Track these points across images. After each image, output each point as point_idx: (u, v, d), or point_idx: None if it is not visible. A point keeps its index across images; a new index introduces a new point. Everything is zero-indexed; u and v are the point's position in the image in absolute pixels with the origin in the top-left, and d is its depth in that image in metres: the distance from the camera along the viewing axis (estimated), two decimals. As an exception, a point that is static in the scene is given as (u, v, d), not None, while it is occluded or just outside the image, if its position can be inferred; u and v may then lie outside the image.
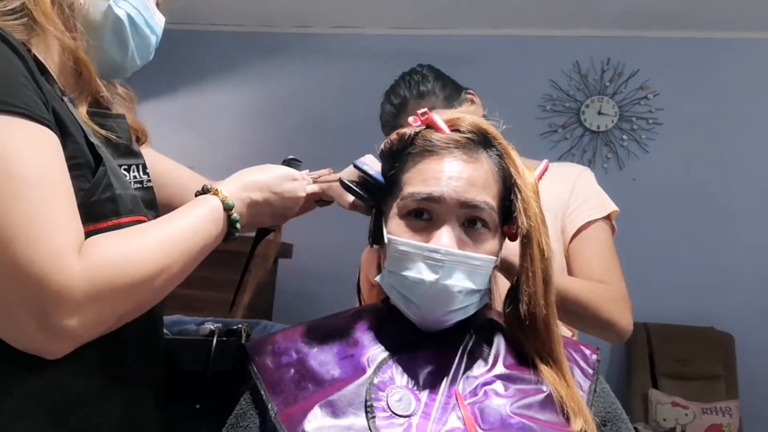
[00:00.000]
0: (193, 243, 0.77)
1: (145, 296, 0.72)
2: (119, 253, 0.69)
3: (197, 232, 0.78)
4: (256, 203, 0.90)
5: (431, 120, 0.83)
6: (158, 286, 0.72)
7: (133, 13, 0.83)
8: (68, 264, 0.63)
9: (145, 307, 0.74)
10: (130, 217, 0.76)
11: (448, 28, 3.40)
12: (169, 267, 0.72)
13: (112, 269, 0.67)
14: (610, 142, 3.29)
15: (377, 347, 0.81)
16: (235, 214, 0.84)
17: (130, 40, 0.84)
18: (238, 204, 0.86)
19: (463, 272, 0.77)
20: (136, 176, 0.85)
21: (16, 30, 0.73)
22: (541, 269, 0.80)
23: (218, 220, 0.82)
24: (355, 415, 0.73)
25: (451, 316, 0.80)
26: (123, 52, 0.85)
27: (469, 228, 0.79)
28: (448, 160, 0.80)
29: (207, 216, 0.80)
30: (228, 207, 0.83)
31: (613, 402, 0.86)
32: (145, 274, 0.69)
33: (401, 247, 0.78)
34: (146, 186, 0.87)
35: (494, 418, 0.73)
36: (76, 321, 0.64)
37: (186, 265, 0.76)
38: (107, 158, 0.76)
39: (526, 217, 0.79)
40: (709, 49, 3.23)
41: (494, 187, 0.81)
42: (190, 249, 0.76)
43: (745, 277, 3.08)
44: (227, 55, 3.65)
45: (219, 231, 0.82)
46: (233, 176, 0.92)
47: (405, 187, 0.81)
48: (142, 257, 0.70)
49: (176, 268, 0.74)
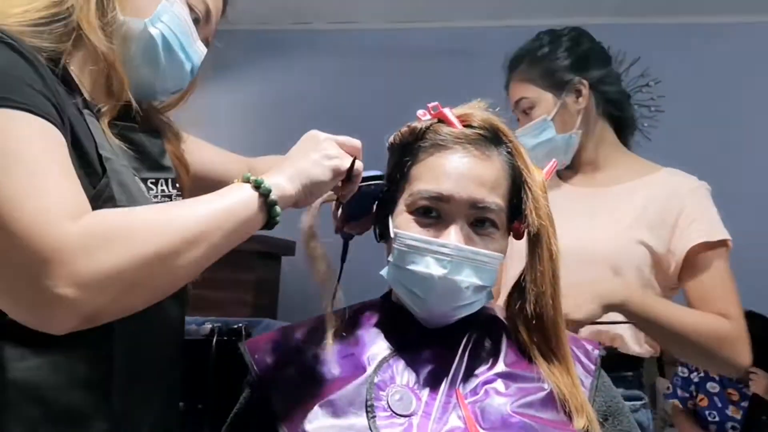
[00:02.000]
0: (216, 224, 0.69)
1: (159, 275, 0.66)
2: (126, 221, 0.65)
3: (223, 213, 0.70)
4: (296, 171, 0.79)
5: (442, 114, 0.83)
6: (174, 266, 0.66)
7: (168, 35, 0.83)
8: (61, 226, 0.60)
9: (162, 289, 0.69)
10: None
11: (447, 21, 3.38)
12: (185, 245, 0.66)
13: (115, 236, 0.63)
14: (613, 130, 3.27)
15: (378, 346, 0.81)
16: (273, 196, 0.74)
17: (161, 61, 0.83)
18: (279, 187, 0.75)
19: (472, 268, 0.76)
20: (164, 190, 0.84)
21: (54, 38, 0.73)
22: (550, 269, 0.79)
23: (247, 203, 0.72)
24: (356, 415, 0.73)
25: (457, 312, 0.79)
26: (153, 73, 0.84)
27: (478, 227, 0.79)
28: (459, 156, 0.79)
29: (236, 198, 0.72)
30: (262, 189, 0.73)
31: (615, 396, 0.85)
32: (156, 248, 0.64)
33: (409, 241, 0.78)
34: (174, 200, 0.85)
35: (495, 417, 0.73)
36: (74, 291, 0.60)
37: (208, 249, 0.68)
38: (115, 171, 0.74)
39: (537, 216, 0.79)
40: (710, 34, 3.20)
41: (504, 186, 0.80)
42: (212, 230, 0.68)
43: (748, 266, 3.06)
44: (225, 52, 3.63)
45: (250, 215, 0.72)
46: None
47: (414, 183, 0.80)
48: (151, 230, 0.65)
49: (194, 248, 0.67)
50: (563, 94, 1.27)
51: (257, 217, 0.73)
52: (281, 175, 0.76)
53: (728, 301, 1.14)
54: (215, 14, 0.95)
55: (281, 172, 0.77)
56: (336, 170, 0.79)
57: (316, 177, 0.78)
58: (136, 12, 0.81)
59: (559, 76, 1.27)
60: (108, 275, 0.62)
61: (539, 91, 1.27)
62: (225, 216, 0.70)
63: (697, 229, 1.17)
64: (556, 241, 0.80)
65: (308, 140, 0.84)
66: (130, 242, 0.63)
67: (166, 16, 0.82)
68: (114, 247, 0.62)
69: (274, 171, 0.77)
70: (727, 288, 1.16)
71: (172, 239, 0.65)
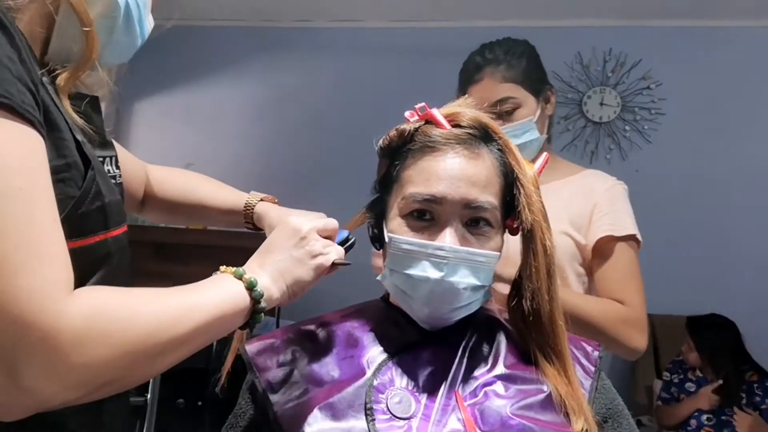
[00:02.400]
0: (205, 329, 0.63)
1: (140, 374, 0.59)
2: (128, 313, 0.57)
3: (217, 321, 0.65)
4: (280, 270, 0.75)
5: (431, 115, 0.82)
6: (156, 366, 0.60)
7: (132, 4, 0.73)
8: (58, 302, 0.51)
9: (134, 384, 0.61)
10: (118, 230, 0.68)
11: (449, 20, 3.38)
12: (172, 346, 0.60)
13: (115, 329, 0.54)
14: (613, 133, 3.27)
15: (377, 348, 0.81)
16: (263, 303, 0.71)
17: (116, 30, 0.72)
18: (267, 291, 0.72)
19: (468, 269, 0.76)
20: (110, 170, 0.74)
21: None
22: (545, 264, 0.79)
23: (237, 303, 0.68)
24: (355, 418, 0.72)
25: (455, 314, 0.79)
26: (104, 42, 0.71)
27: (473, 227, 0.79)
28: (449, 157, 0.79)
29: (230, 302, 0.67)
30: (255, 294, 0.70)
31: (615, 398, 0.85)
32: (147, 348, 0.57)
33: (404, 245, 0.77)
34: (118, 182, 0.76)
35: (494, 420, 0.73)
36: (52, 385, 0.51)
37: (189, 351, 0.63)
38: (94, 158, 0.65)
39: (530, 212, 0.79)
40: (712, 38, 3.21)
41: (496, 184, 0.80)
42: (200, 335, 0.63)
43: (748, 267, 3.07)
44: (228, 50, 3.63)
45: (236, 321, 0.69)
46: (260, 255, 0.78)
47: (406, 186, 0.80)
48: (149, 326, 0.57)
49: (180, 349, 0.61)
50: (541, 100, 1.33)
51: (240, 320, 0.69)
52: (265, 274, 0.72)
53: (628, 289, 1.21)
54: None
55: (264, 270, 0.73)
56: (320, 269, 0.77)
57: (300, 278, 0.75)
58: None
59: (536, 82, 1.32)
60: (95, 373, 0.53)
61: (525, 92, 1.30)
62: (219, 323, 0.65)
63: (607, 223, 1.26)
64: (550, 236, 0.80)
65: (290, 235, 0.78)
66: (126, 337, 0.55)
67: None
68: (111, 341, 0.54)
69: (256, 264, 0.74)
70: (628, 276, 1.23)
71: (164, 340, 0.59)
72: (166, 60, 3.53)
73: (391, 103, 1.51)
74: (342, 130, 3.32)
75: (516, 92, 1.29)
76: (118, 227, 0.69)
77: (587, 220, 1.28)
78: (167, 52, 3.39)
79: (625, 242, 1.25)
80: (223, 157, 3.49)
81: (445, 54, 1.50)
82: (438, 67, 3.43)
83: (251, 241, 0.88)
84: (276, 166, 3.48)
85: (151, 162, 1.08)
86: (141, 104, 3.70)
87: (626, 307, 1.19)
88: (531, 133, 1.29)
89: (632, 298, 1.21)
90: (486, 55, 1.32)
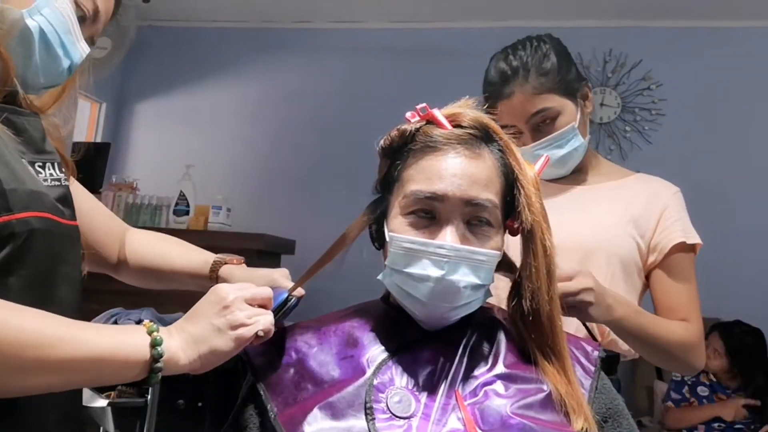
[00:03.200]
0: (86, 351, 0.66)
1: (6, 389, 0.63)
2: (12, 333, 0.61)
3: (104, 345, 0.67)
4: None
5: (432, 115, 0.82)
6: (18, 368, 0.62)
7: (47, 29, 0.81)
8: None
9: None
10: (25, 213, 0.72)
11: (449, 21, 3.38)
12: (44, 356, 0.62)
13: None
14: (613, 133, 3.27)
15: (377, 347, 0.81)
16: (159, 363, 0.71)
17: (35, 55, 0.80)
18: (171, 353, 0.72)
19: (469, 267, 0.76)
20: (52, 174, 0.82)
21: None
22: (544, 264, 0.79)
23: (135, 349, 0.70)
24: (355, 417, 0.73)
25: (456, 312, 0.79)
26: (25, 65, 0.81)
27: (474, 226, 0.79)
28: (450, 157, 0.79)
29: (130, 341, 0.70)
30: (155, 352, 0.70)
31: (615, 398, 0.85)
32: (10, 344, 0.61)
33: (405, 244, 0.78)
34: (63, 184, 0.84)
35: (494, 419, 0.73)
36: None
37: (64, 369, 0.65)
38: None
39: (530, 212, 0.79)
40: (712, 38, 3.21)
41: (497, 184, 0.80)
42: (75, 353, 0.65)
43: (749, 267, 3.07)
44: (227, 51, 3.64)
45: (130, 373, 0.70)
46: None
47: (407, 185, 0.80)
48: (18, 326, 0.62)
49: (52, 363, 0.63)
50: (579, 100, 1.24)
51: (133, 371, 0.70)
52: (179, 338, 0.73)
53: (691, 308, 1.20)
54: (104, 14, 0.91)
55: (180, 335, 0.73)
56: (240, 340, 0.74)
57: (216, 347, 0.73)
58: (17, 1, 0.79)
59: (571, 83, 1.23)
60: None
61: (561, 99, 1.21)
62: (105, 364, 0.67)
63: (679, 229, 1.22)
64: (550, 237, 0.80)
65: (214, 303, 0.76)
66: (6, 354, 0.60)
67: (46, 9, 0.80)
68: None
69: (176, 327, 0.74)
70: (692, 294, 1.22)
71: (28, 357, 0.62)
72: (166, 61, 3.54)
73: (390, 104, 1.51)
74: (342, 131, 3.32)
75: (552, 101, 1.19)
76: (26, 212, 0.72)
77: (653, 224, 1.22)
78: (167, 54, 3.41)
79: (693, 252, 1.24)
80: (222, 157, 3.50)
81: (445, 54, 1.50)
82: (438, 67, 3.44)
83: (258, 242, 0.87)
84: (276, 167, 3.48)
85: (151, 162, 1.08)
86: (141, 105, 3.70)
87: (692, 328, 1.17)
88: (575, 141, 1.21)
89: (697, 317, 1.19)
90: (511, 62, 1.21)
